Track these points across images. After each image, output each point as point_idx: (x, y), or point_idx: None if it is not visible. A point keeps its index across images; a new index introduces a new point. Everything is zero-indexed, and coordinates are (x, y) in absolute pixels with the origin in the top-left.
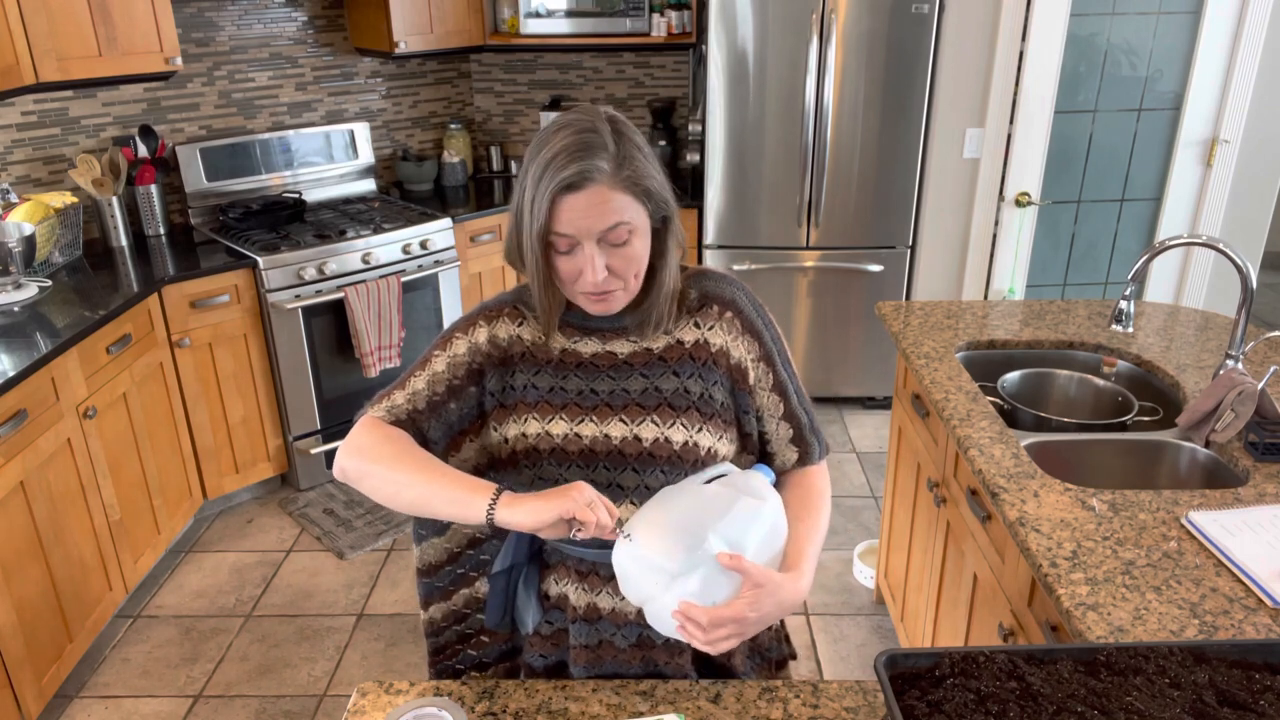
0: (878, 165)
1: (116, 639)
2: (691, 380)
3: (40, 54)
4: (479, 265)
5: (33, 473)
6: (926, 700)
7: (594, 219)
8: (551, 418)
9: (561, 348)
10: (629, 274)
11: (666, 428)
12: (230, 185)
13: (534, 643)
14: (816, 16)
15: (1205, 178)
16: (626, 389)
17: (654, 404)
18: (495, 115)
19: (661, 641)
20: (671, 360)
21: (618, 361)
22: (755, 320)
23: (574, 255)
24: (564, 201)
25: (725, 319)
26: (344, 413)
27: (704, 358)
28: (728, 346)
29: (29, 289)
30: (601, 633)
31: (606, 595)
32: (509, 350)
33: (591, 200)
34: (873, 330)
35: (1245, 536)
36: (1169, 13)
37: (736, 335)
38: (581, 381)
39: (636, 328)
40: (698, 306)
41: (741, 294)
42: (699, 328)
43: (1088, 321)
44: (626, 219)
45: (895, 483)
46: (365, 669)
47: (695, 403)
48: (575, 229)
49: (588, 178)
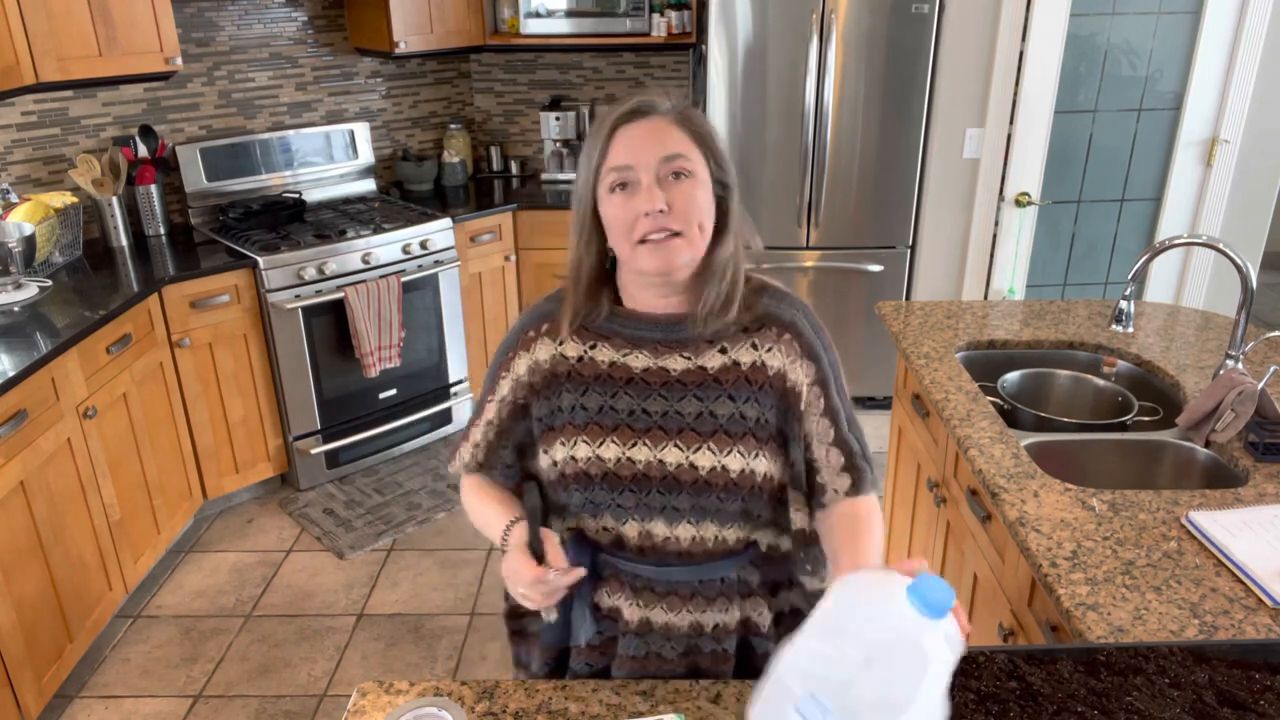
0: (878, 165)
1: (116, 639)
2: (747, 405)
3: (40, 54)
4: (479, 265)
5: (33, 473)
6: None
7: (654, 145)
8: (603, 440)
9: (610, 361)
10: (690, 218)
11: (723, 455)
12: (230, 185)
13: (580, 652)
14: (816, 16)
15: (1205, 178)
16: (680, 412)
17: (710, 430)
18: (495, 115)
19: (709, 650)
20: (727, 383)
21: (670, 379)
22: (815, 343)
23: (630, 194)
24: (623, 131)
25: (784, 341)
26: (344, 413)
27: (760, 381)
28: (785, 369)
29: (29, 289)
30: (650, 645)
31: (660, 610)
32: (553, 371)
33: (652, 127)
34: (873, 330)
35: (1245, 536)
36: (1169, 13)
37: (795, 358)
38: (633, 400)
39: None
40: (756, 327)
41: (802, 315)
42: (756, 349)
43: (1088, 321)
44: (687, 154)
45: (895, 483)
46: (365, 669)
47: (751, 428)
48: (633, 157)
49: (652, 108)
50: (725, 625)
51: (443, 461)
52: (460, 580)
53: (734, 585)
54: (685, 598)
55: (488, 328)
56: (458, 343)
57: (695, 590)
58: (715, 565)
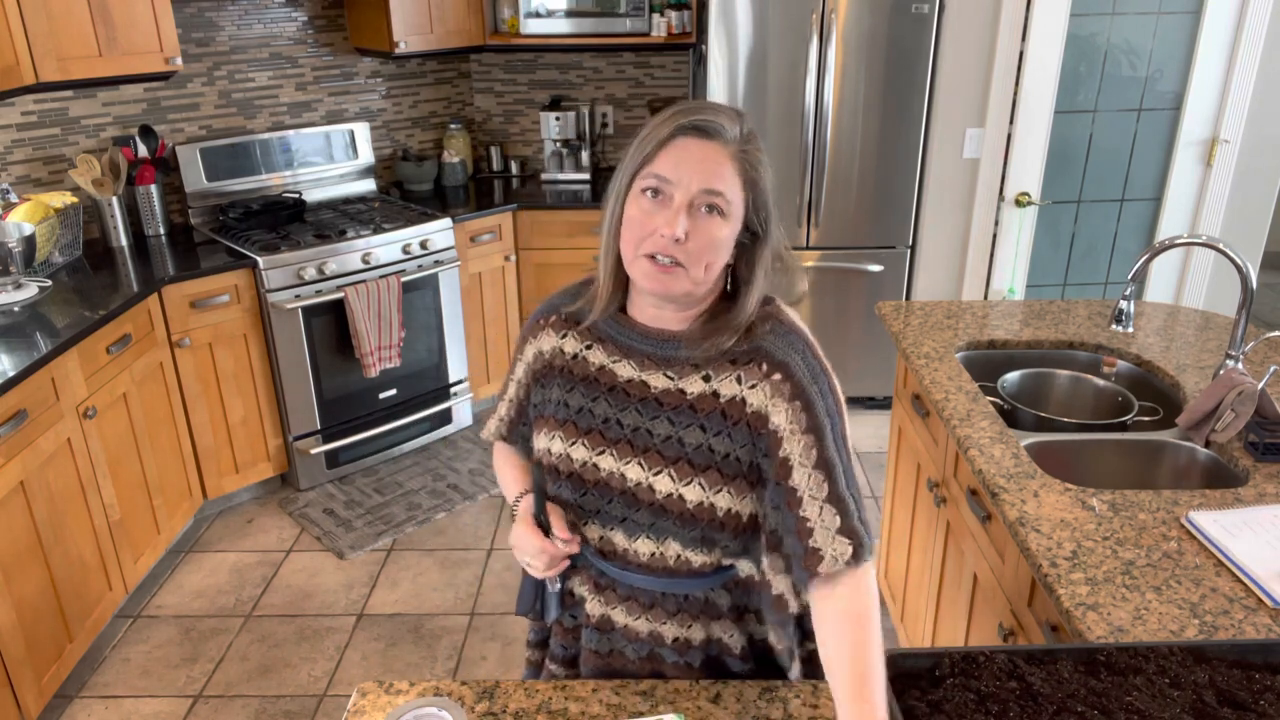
0: (878, 165)
1: (116, 639)
2: (718, 439)
3: (40, 54)
4: (479, 265)
5: (33, 473)
6: (927, 700)
7: (701, 174)
8: (574, 441)
9: (600, 365)
10: (701, 257)
11: (681, 484)
12: (230, 185)
13: (558, 632)
14: (816, 16)
15: (1205, 178)
16: (651, 430)
17: (674, 456)
18: (495, 115)
19: (672, 661)
20: (702, 412)
21: (649, 395)
22: (809, 388)
23: (658, 206)
24: (680, 143)
25: (771, 381)
26: (344, 413)
27: (737, 417)
28: (767, 410)
29: (29, 289)
30: (613, 642)
31: (621, 611)
32: (550, 362)
33: (707, 153)
34: (873, 330)
35: (1245, 536)
36: (1169, 13)
37: (781, 401)
38: (610, 409)
39: (691, 345)
40: (746, 360)
41: (799, 356)
42: (740, 383)
43: (1088, 321)
44: (728, 195)
45: (895, 483)
46: (365, 669)
47: (717, 463)
48: (678, 175)
49: (718, 132)
50: (687, 640)
51: (443, 462)
52: (460, 580)
53: (698, 604)
54: (645, 606)
55: (488, 328)
56: (458, 343)
57: (655, 601)
58: (679, 582)
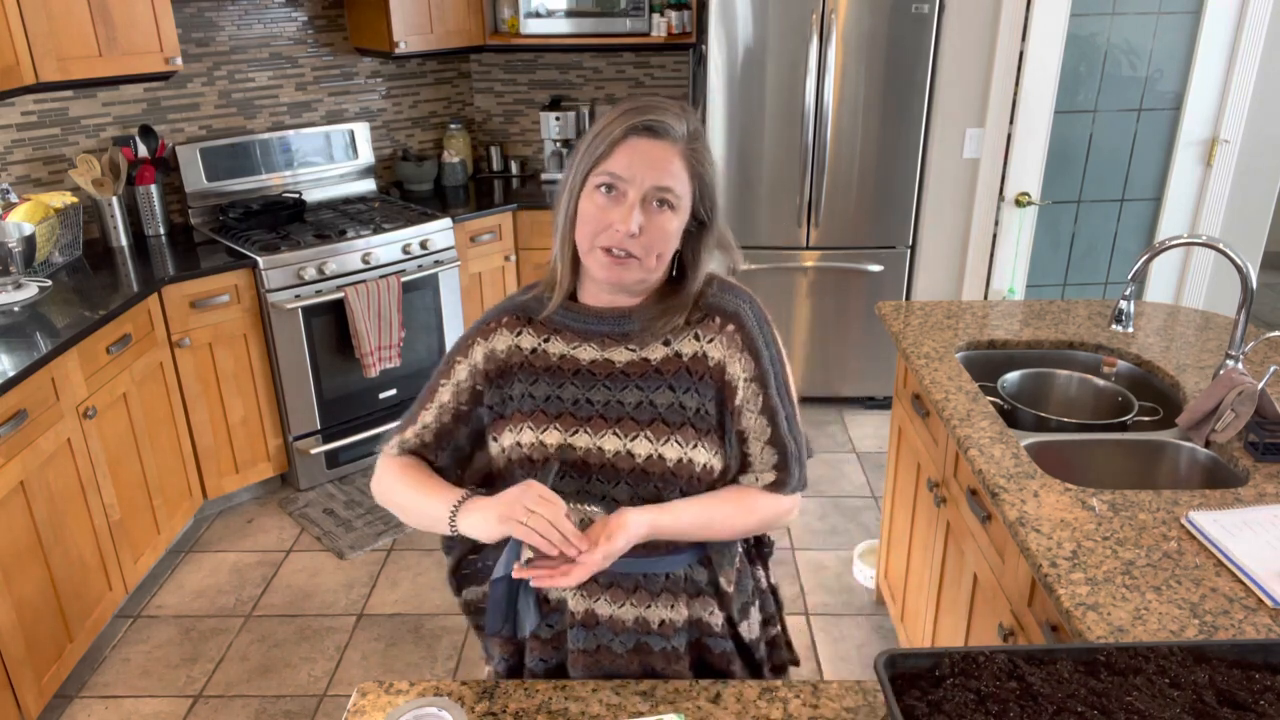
0: (878, 165)
1: (116, 639)
2: (687, 395)
3: (40, 54)
4: (479, 265)
5: (33, 473)
6: (926, 700)
7: (654, 172)
8: (546, 427)
9: (561, 354)
10: (653, 249)
11: (660, 444)
12: (230, 185)
13: (534, 646)
14: (816, 16)
15: (1205, 178)
16: (621, 400)
17: (648, 419)
18: (495, 115)
19: (659, 648)
20: (668, 373)
21: (614, 370)
22: (756, 338)
23: (612, 202)
24: (632, 142)
25: (726, 332)
26: (344, 413)
27: (701, 371)
28: (725, 361)
29: (29, 289)
30: (600, 638)
31: (604, 602)
32: (507, 361)
33: (659, 153)
34: (873, 330)
35: (1245, 536)
36: (1169, 13)
37: (736, 351)
38: (578, 390)
39: (641, 330)
40: (700, 318)
41: (747, 307)
42: (699, 340)
43: (1088, 321)
44: (677, 189)
45: (895, 483)
46: (365, 669)
47: (690, 418)
48: (631, 174)
49: (666, 132)
50: (672, 622)
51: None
52: None
53: (680, 582)
54: (629, 590)
55: None
56: None
57: (639, 584)
58: (659, 560)
